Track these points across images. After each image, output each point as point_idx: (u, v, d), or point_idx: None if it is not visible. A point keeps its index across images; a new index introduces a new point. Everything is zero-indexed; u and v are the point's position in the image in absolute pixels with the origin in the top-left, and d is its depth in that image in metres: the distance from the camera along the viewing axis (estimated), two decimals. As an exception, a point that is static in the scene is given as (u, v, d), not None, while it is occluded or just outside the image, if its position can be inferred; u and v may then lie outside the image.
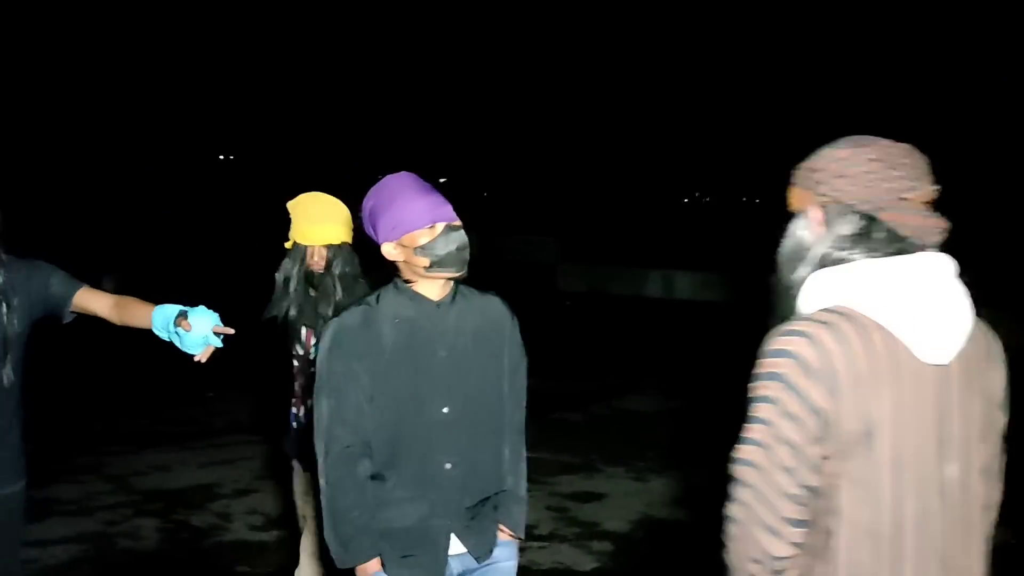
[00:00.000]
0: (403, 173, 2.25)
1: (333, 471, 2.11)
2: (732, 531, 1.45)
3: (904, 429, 1.37)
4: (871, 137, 1.44)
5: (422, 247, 2.13)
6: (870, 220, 1.41)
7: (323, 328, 2.24)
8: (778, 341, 1.39)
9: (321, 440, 2.13)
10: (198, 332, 2.32)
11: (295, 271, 3.01)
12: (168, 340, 2.39)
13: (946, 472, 1.38)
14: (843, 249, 1.42)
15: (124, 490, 5.24)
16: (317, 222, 2.95)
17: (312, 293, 3.04)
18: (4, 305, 2.36)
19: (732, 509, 1.45)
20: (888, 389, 1.37)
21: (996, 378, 1.45)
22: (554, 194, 28.14)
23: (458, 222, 2.19)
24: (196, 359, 2.37)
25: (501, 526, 2.25)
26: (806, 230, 1.47)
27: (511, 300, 2.36)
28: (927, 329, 1.37)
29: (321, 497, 2.15)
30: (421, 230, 2.14)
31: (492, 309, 2.28)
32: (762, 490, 1.42)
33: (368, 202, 2.23)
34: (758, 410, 1.41)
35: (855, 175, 1.41)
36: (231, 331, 2.38)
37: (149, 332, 2.43)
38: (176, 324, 2.31)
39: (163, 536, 4.59)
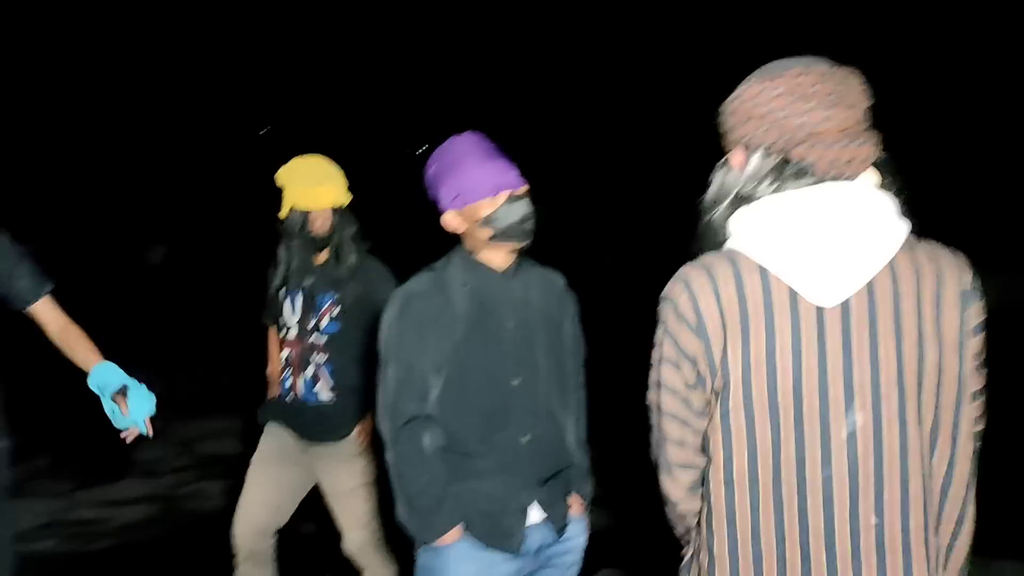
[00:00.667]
0: (467, 134, 2.14)
1: (401, 445, 2.02)
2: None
3: (783, 375, 1.28)
4: (788, 63, 1.33)
5: (484, 219, 2.03)
6: (783, 159, 1.31)
7: (390, 297, 2.12)
8: (667, 286, 1.38)
9: (387, 414, 2.04)
10: (132, 414, 2.23)
11: (297, 239, 2.89)
12: (96, 395, 2.27)
13: (848, 420, 1.27)
14: (754, 189, 1.34)
15: (188, 454, 5.52)
16: (319, 183, 2.85)
17: (318, 258, 2.93)
18: None
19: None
20: (764, 333, 1.28)
21: (949, 319, 1.27)
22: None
23: (523, 189, 2.07)
24: (121, 436, 2.28)
25: (573, 501, 2.18)
26: (727, 174, 1.39)
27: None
28: (810, 269, 1.26)
29: (390, 473, 2.06)
30: (483, 200, 2.03)
31: (554, 284, 2.22)
32: (658, 433, 1.45)
33: (430, 167, 2.12)
34: (652, 355, 1.41)
35: (763, 115, 1.30)
36: (149, 433, 2.25)
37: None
38: (113, 398, 2.22)
39: (227, 498, 4.84)
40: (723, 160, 1.41)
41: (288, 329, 3.00)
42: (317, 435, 2.97)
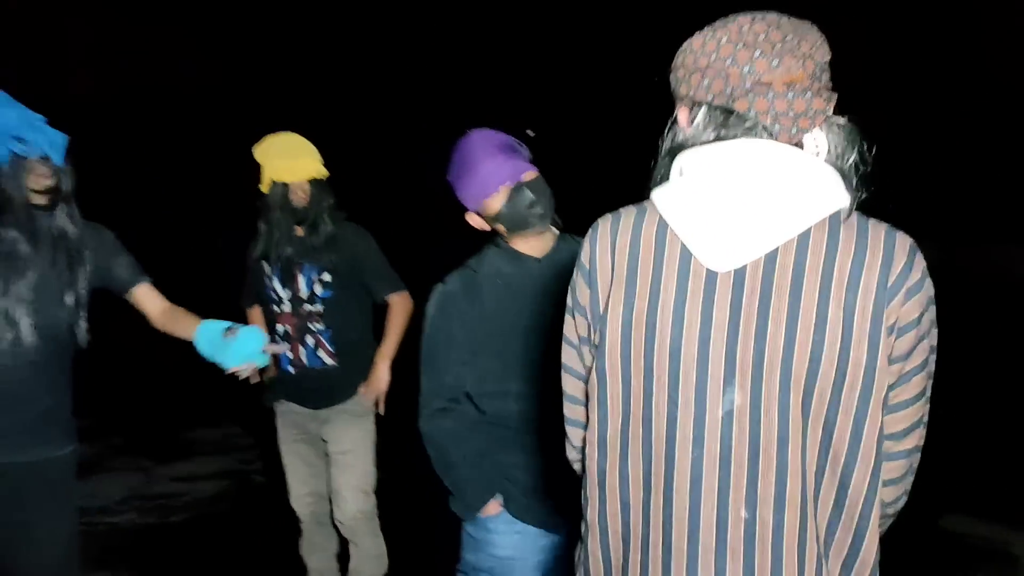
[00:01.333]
0: (472, 133, 2.14)
1: (433, 430, 2.12)
2: None
3: (662, 338, 1.16)
4: (739, 14, 1.20)
5: (495, 215, 2.08)
6: (725, 112, 1.18)
7: (432, 293, 2.18)
8: None
9: (425, 404, 2.14)
10: (243, 345, 2.31)
11: (280, 210, 2.96)
12: (207, 356, 2.36)
13: (726, 398, 1.13)
14: (693, 144, 1.21)
15: (252, 433, 5.80)
16: (297, 157, 2.93)
17: (298, 231, 3.01)
18: (79, 264, 2.33)
19: None
20: (649, 290, 1.17)
21: (864, 307, 1.11)
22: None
23: (526, 176, 2.06)
24: (232, 371, 2.35)
25: None
26: (676, 133, 1.26)
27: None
28: (707, 229, 1.14)
29: (431, 455, 2.16)
30: (488, 198, 2.07)
31: None
32: (563, 388, 1.37)
33: (449, 172, 2.15)
34: None
35: (707, 65, 1.17)
36: (281, 349, 2.44)
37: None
38: (223, 335, 2.32)
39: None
40: (672, 118, 1.28)
41: (280, 303, 3.06)
42: (324, 400, 3.09)
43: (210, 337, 2.36)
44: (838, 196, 1.13)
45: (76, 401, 2.40)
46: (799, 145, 1.16)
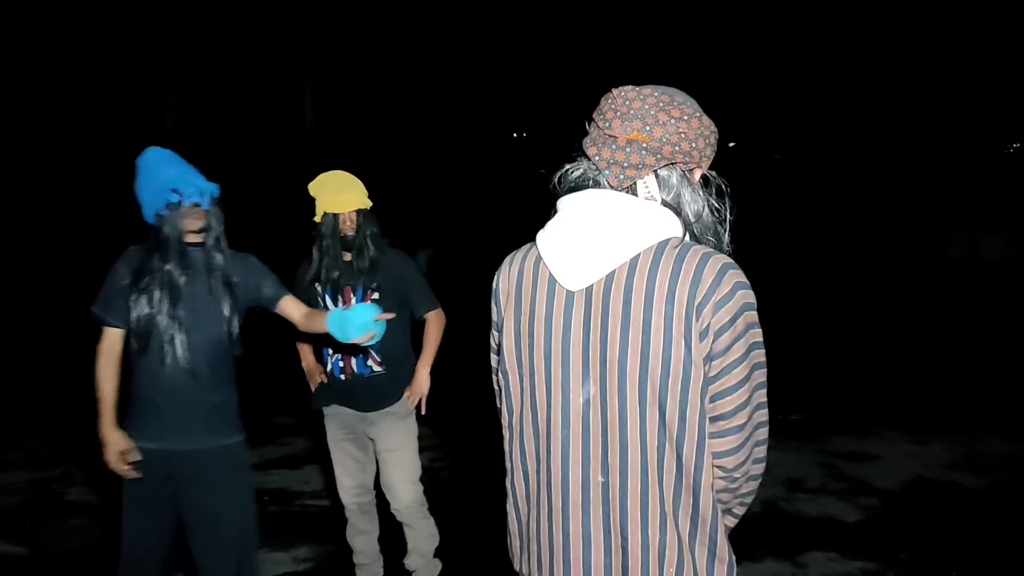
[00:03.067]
0: None
1: None
2: None
3: (538, 345, 1.48)
4: (633, 87, 1.49)
5: None
6: (586, 157, 1.51)
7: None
8: None
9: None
10: (359, 317, 2.64)
11: (330, 238, 3.29)
12: (339, 337, 2.68)
13: (584, 390, 1.45)
14: (565, 185, 1.54)
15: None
16: (344, 192, 3.26)
17: (346, 256, 3.33)
18: (228, 285, 2.71)
19: None
20: (529, 308, 1.50)
21: (678, 316, 1.38)
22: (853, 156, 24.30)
23: None
24: (357, 341, 2.66)
25: None
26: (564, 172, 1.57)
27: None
28: (563, 258, 1.46)
29: None
30: None
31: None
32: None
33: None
34: None
35: (595, 119, 1.51)
36: (391, 315, 2.70)
37: None
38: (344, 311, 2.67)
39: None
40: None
41: None
42: (372, 404, 3.39)
43: (336, 320, 2.70)
44: (666, 228, 1.44)
45: (240, 400, 2.80)
46: (632, 188, 1.47)
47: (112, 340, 2.67)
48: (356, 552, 3.57)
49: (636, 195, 1.47)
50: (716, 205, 1.50)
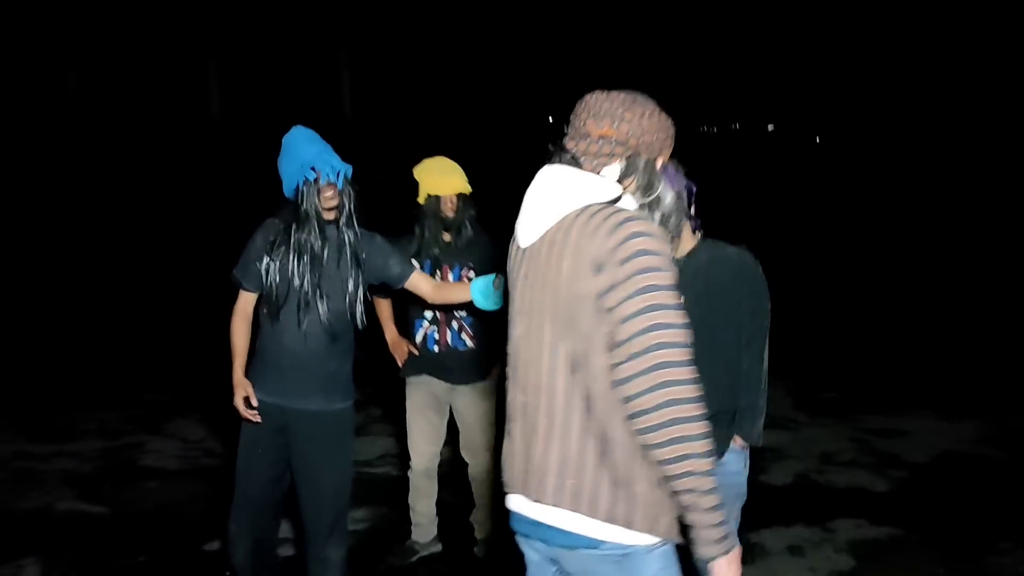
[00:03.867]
0: None
1: None
2: None
3: (511, 291, 1.79)
4: (601, 91, 1.76)
5: None
6: (565, 151, 1.76)
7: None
8: None
9: None
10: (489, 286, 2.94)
11: (432, 218, 3.52)
12: (483, 306, 2.91)
13: (520, 324, 1.74)
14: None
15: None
16: (448, 174, 3.50)
17: (446, 236, 3.56)
18: (357, 265, 2.89)
19: None
20: (512, 260, 1.81)
21: (583, 275, 1.58)
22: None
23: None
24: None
25: (735, 437, 2.65)
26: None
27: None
28: (520, 222, 1.76)
29: None
30: None
31: (732, 260, 2.62)
32: None
33: None
34: None
35: (574, 116, 1.77)
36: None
37: None
38: (494, 285, 2.90)
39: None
40: None
41: None
42: (462, 378, 3.63)
43: (482, 288, 2.93)
44: (597, 195, 1.65)
45: (356, 371, 3.02)
46: (597, 171, 1.70)
47: (247, 301, 2.93)
48: (416, 513, 3.82)
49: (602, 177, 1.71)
50: (680, 188, 1.76)
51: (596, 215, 1.61)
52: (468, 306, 3.23)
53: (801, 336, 8.13)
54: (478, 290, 2.92)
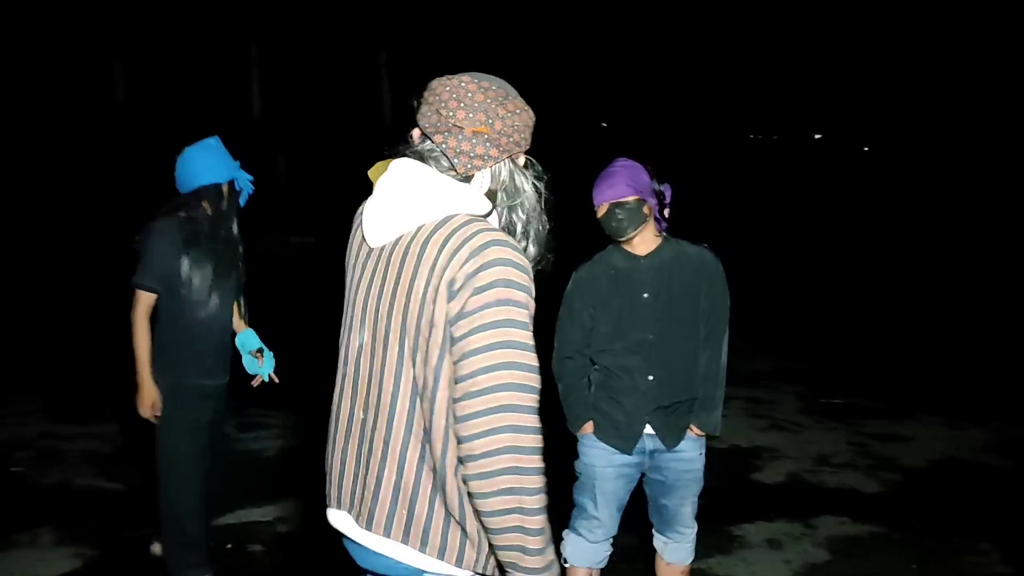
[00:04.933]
0: (614, 161, 2.76)
1: (561, 373, 2.85)
2: None
3: (349, 294, 1.63)
4: (466, 74, 1.58)
5: (600, 223, 2.74)
6: (428, 138, 1.59)
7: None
8: None
9: (557, 356, 2.84)
10: (264, 367, 3.43)
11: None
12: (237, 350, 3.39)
13: (360, 336, 1.57)
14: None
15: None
16: None
17: None
18: (242, 257, 3.38)
19: None
20: (354, 264, 1.63)
21: (432, 286, 1.44)
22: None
23: (621, 200, 2.66)
24: (252, 383, 3.43)
25: (691, 426, 2.78)
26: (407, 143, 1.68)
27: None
28: (369, 218, 1.57)
29: (559, 391, 2.84)
30: (596, 210, 2.73)
31: (693, 258, 2.76)
32: None
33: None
34: None
35: (431, 102, 1.58)
36: (275, 381, 3.44)
37: None
38: (252, 355, 3.41)
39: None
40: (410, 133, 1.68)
41: None
42: None
43: (244, 347, 3.46)
44: (458, 205, 1.50)
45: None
46: (469, 177, 1.56)
47: (150, 302, 3.20)
48: None
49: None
50: (540, 187, 1.62)
51: (459, 231, 1.45)
52: None
53: (813, 341, 8.16)
54: (241, 340, 3.42)
